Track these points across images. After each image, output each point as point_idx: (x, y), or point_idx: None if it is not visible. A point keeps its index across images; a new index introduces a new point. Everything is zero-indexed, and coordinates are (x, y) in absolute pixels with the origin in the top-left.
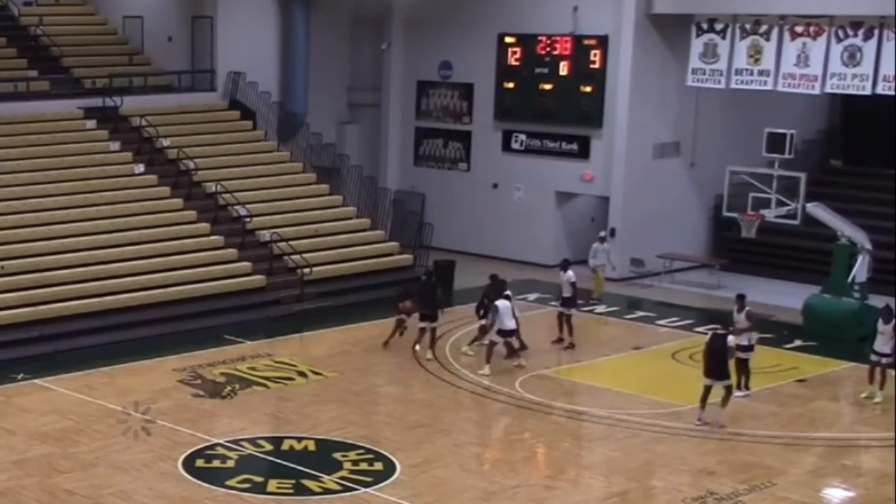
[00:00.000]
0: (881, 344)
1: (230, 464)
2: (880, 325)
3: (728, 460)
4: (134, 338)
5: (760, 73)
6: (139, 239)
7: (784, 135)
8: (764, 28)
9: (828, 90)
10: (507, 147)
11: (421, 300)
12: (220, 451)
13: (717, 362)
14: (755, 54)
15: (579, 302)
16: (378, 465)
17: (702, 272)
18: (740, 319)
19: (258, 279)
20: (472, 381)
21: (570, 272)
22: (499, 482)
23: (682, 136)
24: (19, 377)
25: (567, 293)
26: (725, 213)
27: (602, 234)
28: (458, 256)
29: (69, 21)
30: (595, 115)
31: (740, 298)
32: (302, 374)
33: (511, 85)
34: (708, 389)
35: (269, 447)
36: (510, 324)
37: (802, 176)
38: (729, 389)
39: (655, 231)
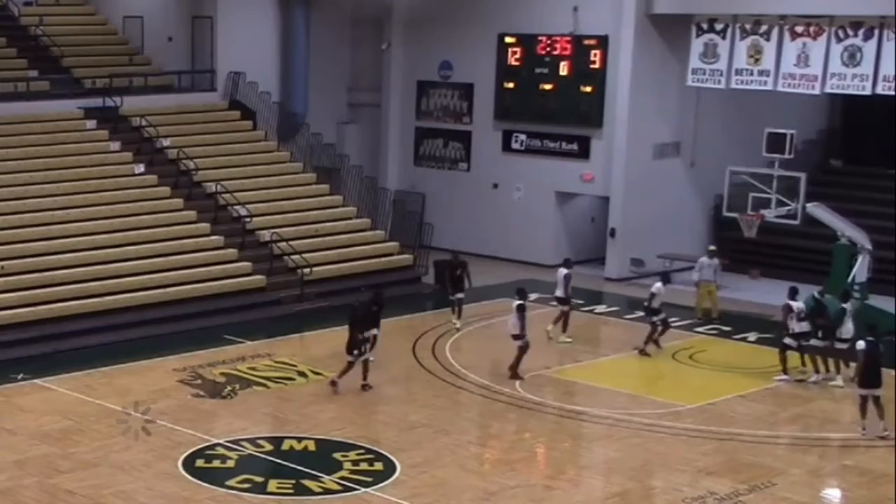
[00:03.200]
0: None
1: (230, 464)
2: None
3: (728, 460)
4: (134, 338)
5: (760, 73)
6: (139, 239)
7: (784, 135)
8: (764, 28)
9: (828, 90)
10: (507, 147)
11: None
12: (220, 451)
13: (875, 369)
14: (755, 54)
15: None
16: (378, 465)
17: None
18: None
19: (258, 279)
20: (471, 381)
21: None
22: (499, 482)
23: (682, 136)
24: (19, 377)
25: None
26: (725, 213)
27: (711, 247)
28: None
29: (69, 21)
30: (595, 115)
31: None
32: (302, 374)
33: (511, 85)
34: (866, 399)
35: (269, 447)
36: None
37: (802, 176)
38: (878, 399)
39: (655, 231)
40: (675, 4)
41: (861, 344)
